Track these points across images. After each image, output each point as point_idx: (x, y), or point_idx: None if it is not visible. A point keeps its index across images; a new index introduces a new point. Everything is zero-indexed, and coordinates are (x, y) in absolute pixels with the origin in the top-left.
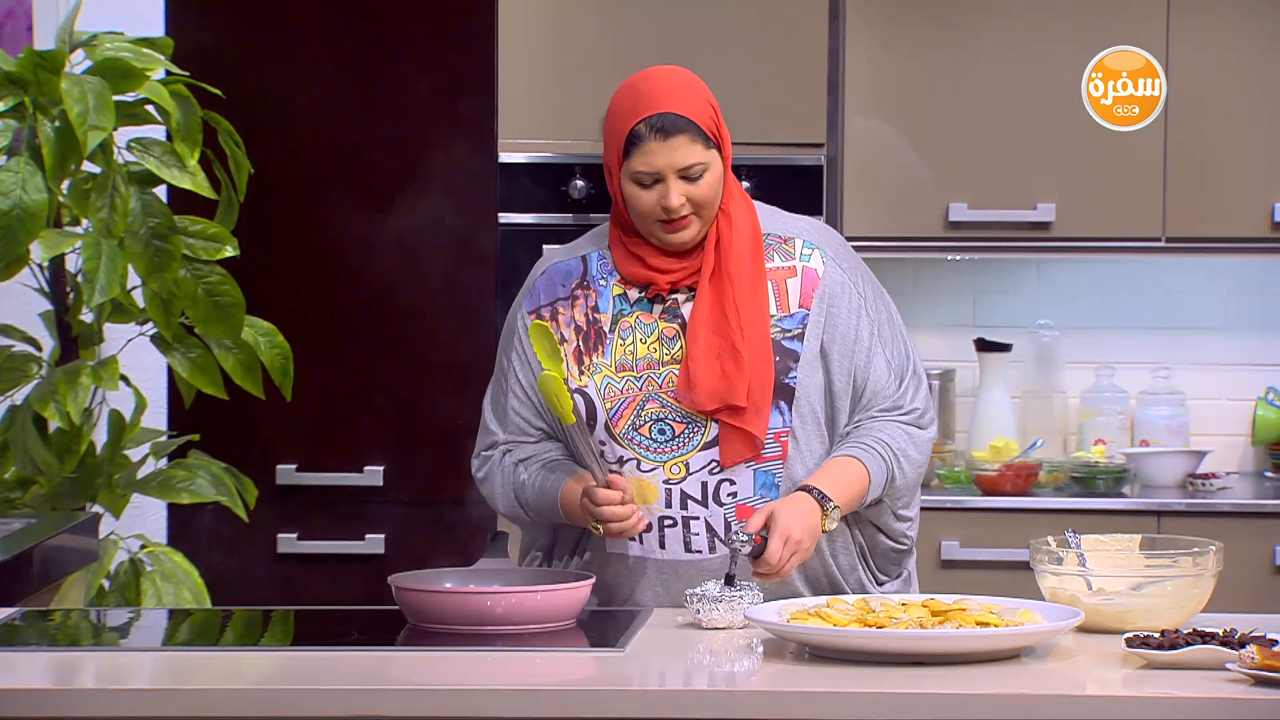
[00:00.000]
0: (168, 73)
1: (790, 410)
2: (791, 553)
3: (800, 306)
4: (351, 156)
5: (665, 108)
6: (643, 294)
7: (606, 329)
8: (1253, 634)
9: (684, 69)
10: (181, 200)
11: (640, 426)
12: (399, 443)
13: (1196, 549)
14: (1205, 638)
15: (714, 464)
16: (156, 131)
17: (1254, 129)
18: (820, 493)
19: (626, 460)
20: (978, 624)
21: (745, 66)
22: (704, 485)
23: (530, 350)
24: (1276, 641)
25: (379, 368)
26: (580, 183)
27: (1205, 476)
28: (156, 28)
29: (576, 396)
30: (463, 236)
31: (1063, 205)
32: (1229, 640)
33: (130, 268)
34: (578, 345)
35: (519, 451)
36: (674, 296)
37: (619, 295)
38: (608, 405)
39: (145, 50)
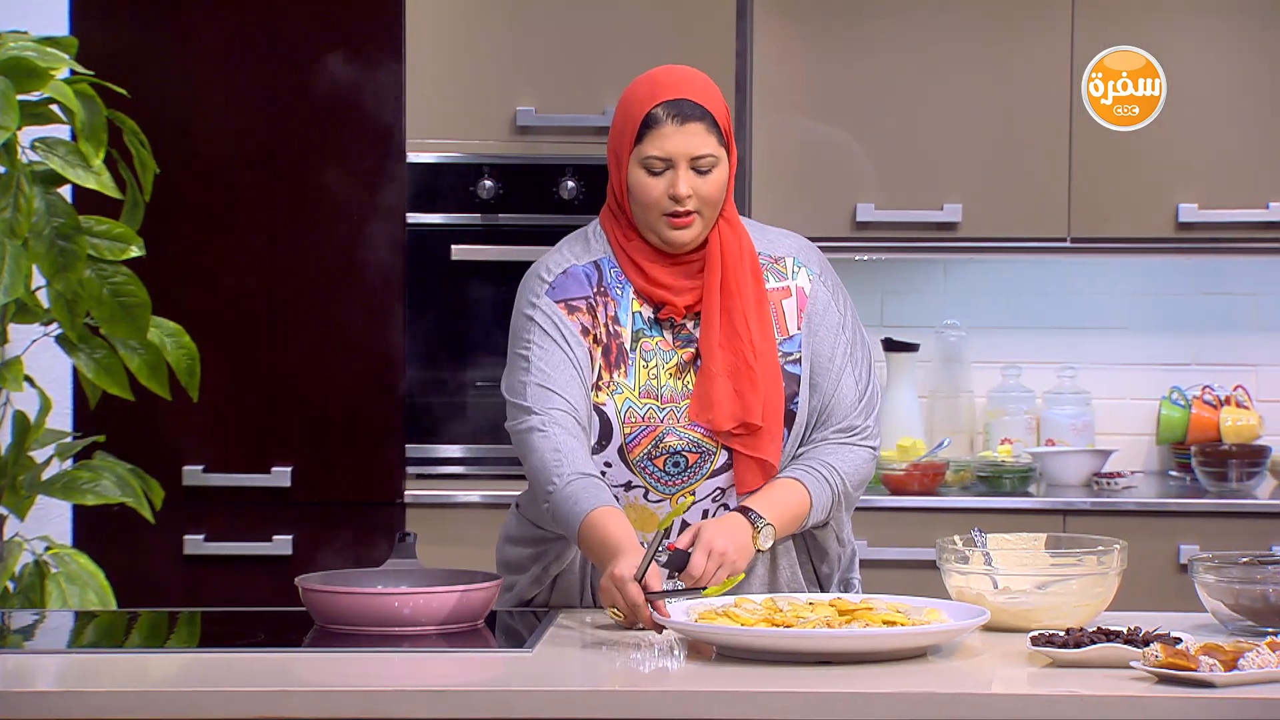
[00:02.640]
0: (72, 72)
1: (789, 435)
2: (717, 565)
3: (796, 329)
4: (259, 156)
5: (684, 95)
6: (655, 314)
7: (628, 346)
8: (1157, 632)
9: (699, 70)
10: (86, 200)
11: (656, 458)
12: (307, 444)
13: (1101, 548)
14: (1110, 636)
15: (717, 491)
16: (61, 131)
17: (1154, 130)
18: (754, 512)
19: (634, 487)
20: (884, 623)
21: (653, 67)
22: (705, 513)
23: (554, 333)
24: (1180, 640)
25: (287, 368)
26: (489, 183)
27: (1110, 476)
28: (61, 27)
29: (592, 412)
30: (371, 237)
31: (969, 206)
32: (1133, 639)
33: (35, 268)
34: (599, 359)
35: (560, 426)
36: (684, 322)
37: (637, 311)
38: (626, 430)
39: (50, 49)
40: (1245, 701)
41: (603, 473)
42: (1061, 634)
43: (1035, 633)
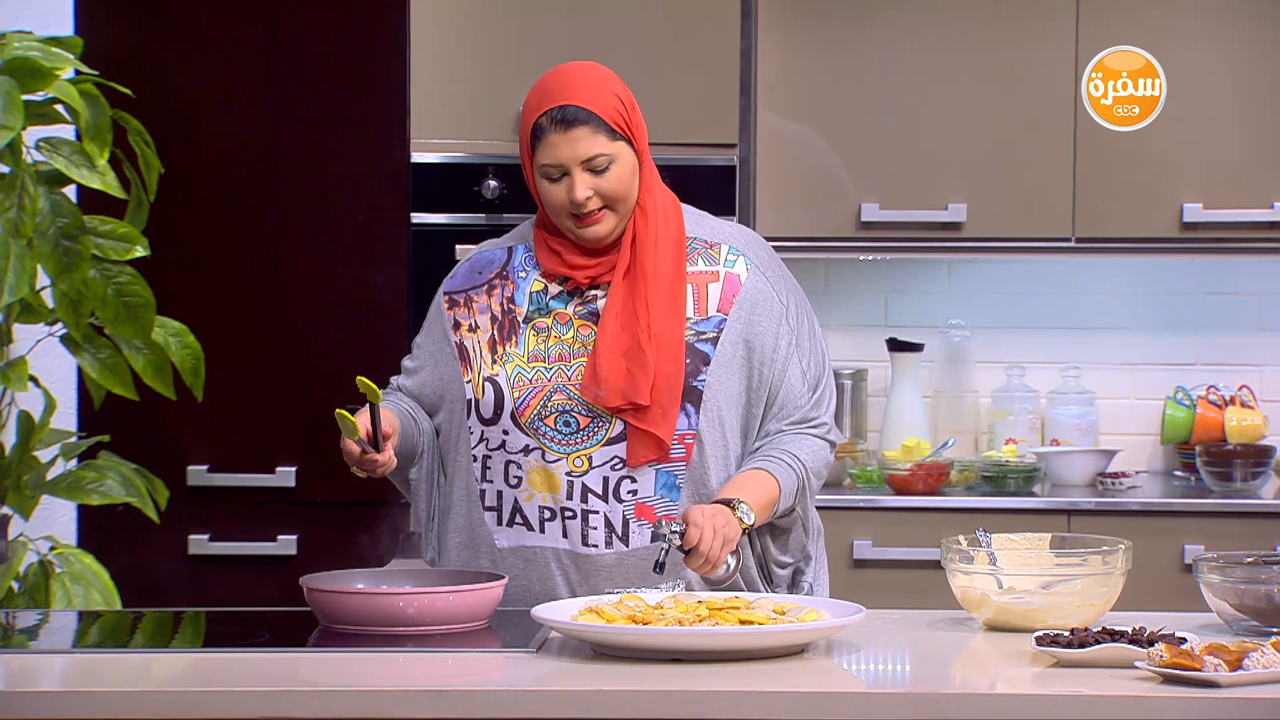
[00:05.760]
0: (77, 72)
1: (698, 413)
2: (713, 533)
3: (718, 311)
4: (263, 156)
5: (567, 100)
6: (562, 287)
7: (520, 320)
8: (1161, 632)
9: (595, 64)
10: (91, 200)
11: (546, 417)
12: (311, 443)
13: (1106, 548)
14: (1114, 636)
15: (616, 460)
16: (66, 131)
17: (1158, 130)
18: (728, 498)
19: (532, 450)
20: (740, 622)
21: (657, 67)
22: (605, 480)
23: (434, 324)
24: (1185, 640)
25: (291, 368)
26: (493, 183)
27: (1115, 476)
28: (66, 27)
29: (486, 385)
30: (375, 236)
31: (973, 206)
32: (1138, 639)
33: (39, 268)
34: (492, 335)
35: (394, 392)
36: (593, 292)
37: (538, 290)
38: (515, 394)
39: (54, 49)
40: (1250, 701)
41: (502, 443)
42: (1066, 634)
43: (1040, 633)
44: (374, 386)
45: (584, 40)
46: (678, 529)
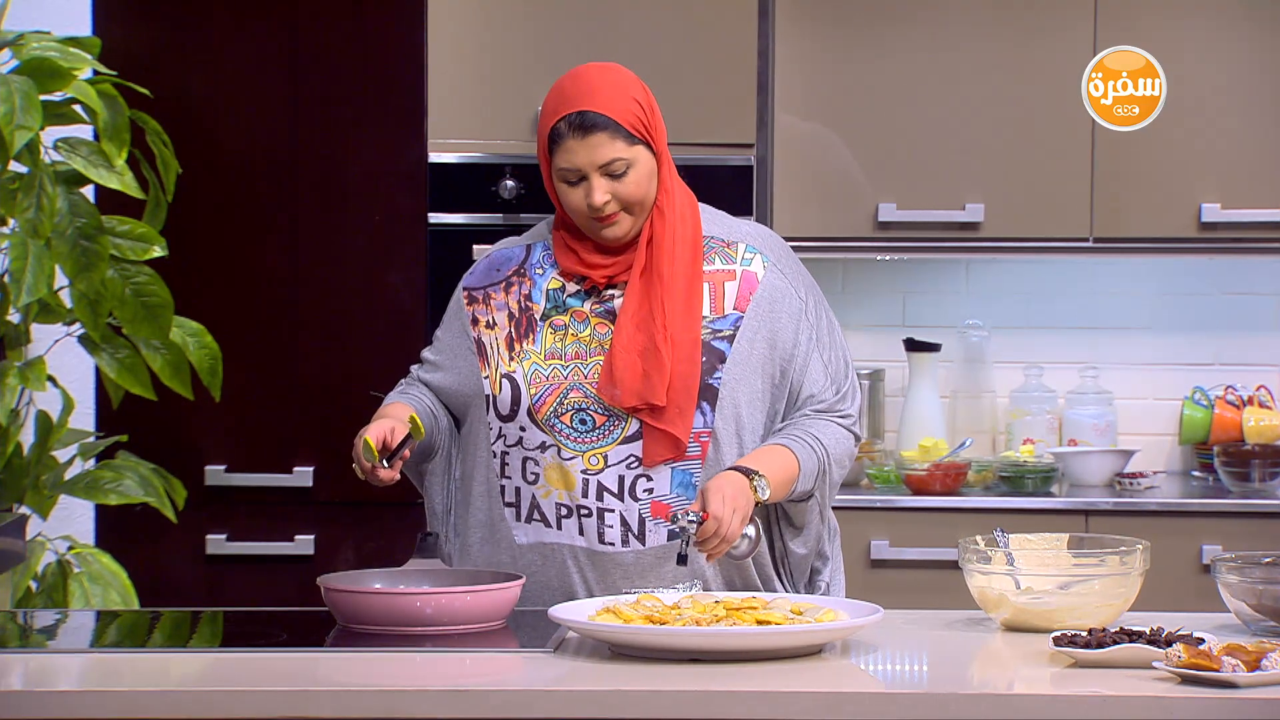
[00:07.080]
0: (95, 72)
1: (713, 411)
2: (732, 509)
3: (735, 309)
4: (281, 156)
5: (585, 105)
6: (580, 286)
7: (538, 318)
8: (1179, 633)
9: (616, 65)
10: (109, 200)
11: (562, 414)
12: (328, 443)
13: (1124, 548)
14: (1132, 636)
15: (632, 459)
16: (84, 131)
17: (1177, 129)
18: (746, 468)
19: (548, 446)
20: (758, 622)
21: (675, 67)
22: (621, 479)
23: (453, 319)
24: (1203, 640)
25: (308, 368)
26: (511, 183)
27: (1133, 476)
28: (84, 27)
29: (503, 381)
30: (393, 236)
31: (991, 205)
32: (1156, 639)
33: (58, 268)
34: (509, 332)
35: (413, 384)
36: (610, 291)
37: (556, 288)
38: (532, 391)
39: (72, 50)
40: (1268, 703)
41: (519, 439)
42: (1084, 634)
43: (1057, 633)
44: (420, 426)
45: (601, 40)
46: (694, 519)
